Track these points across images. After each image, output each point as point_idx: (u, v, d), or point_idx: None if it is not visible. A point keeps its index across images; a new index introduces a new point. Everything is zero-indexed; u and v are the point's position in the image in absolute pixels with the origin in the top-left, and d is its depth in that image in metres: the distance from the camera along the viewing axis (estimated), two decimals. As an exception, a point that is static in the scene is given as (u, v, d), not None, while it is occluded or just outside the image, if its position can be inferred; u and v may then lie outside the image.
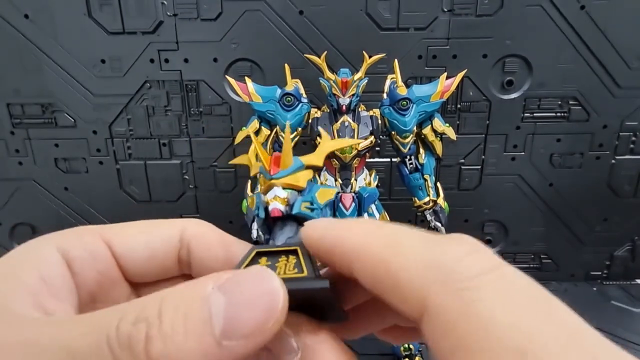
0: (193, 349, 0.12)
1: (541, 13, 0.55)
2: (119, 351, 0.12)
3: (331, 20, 0.55)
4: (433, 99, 0.45)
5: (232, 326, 0.12)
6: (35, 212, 0.65)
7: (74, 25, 0.55)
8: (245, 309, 0.12)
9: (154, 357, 0.12)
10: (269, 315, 0.12)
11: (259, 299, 0.13)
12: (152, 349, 0.12)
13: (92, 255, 0.17)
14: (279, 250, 0.16)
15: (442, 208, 0.48)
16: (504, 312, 0.11)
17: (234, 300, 0.12)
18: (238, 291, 0.13)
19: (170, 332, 0.12)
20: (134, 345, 0.12)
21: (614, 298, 0.62)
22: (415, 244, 0.13)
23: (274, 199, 0.18)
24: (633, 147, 0.60)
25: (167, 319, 0.12)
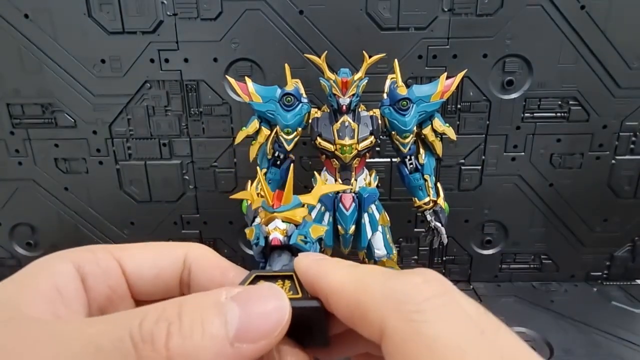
0: (208, 347, 0.13)
1: (541, 13, 0.55)
2: (141, 345, 0.13)
3: (331, 20, 0.55)
4: (433, 99, 0.45)
5: (244, 331, 0.14)
6: (35, 212, 0.65)
7: (74, 25, 0.55)
8: (257, 318, 0.14)
9: (173, 351, 0.13)
10: (277, 325, 0.14)
11: (271, 310, 0.15)
12: (172, 344, 0.13)
13: (104, 271, 0.18)
14: (276, 275, 0.18)
15: (442, 208, 0.48)
16: (445, 332, 0.13)
17: (248, 310, 0.14)
18: (252, 302, 0.14)
19: (189, 331, 0.13)
20: (155, 340, 0.13)
21: (614, 298, 0.62)
22: (378, 280, 0.15)
23: (275, 229, 0.21)
24: (633, 147, 0.60)
25: (187, 319, 0.14)
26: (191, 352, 0.13)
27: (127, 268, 0.19)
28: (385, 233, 0.47)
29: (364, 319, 0.15)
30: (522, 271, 0.67)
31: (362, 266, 0.17)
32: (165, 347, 0.13)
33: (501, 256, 0.67)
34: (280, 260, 0.21)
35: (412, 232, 0.66)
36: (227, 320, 0.14)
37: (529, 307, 0.61)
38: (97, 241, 0.66)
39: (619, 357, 0.51)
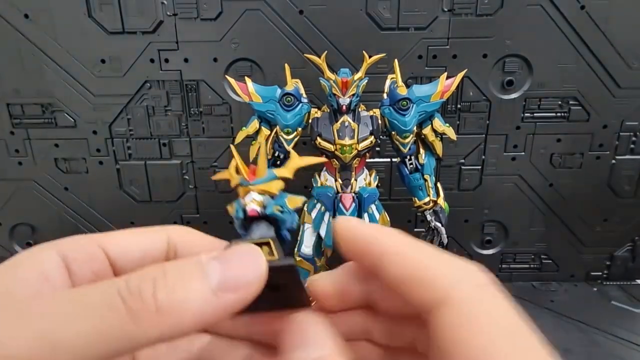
0: (194, 297, 0.14)
1: (541, 13, 0.55)
2: (130, 298, 0.14)
3: (331, 20, 0.55)
4: (433, 99, 0.45)
5: (225, 282, 0.15)
6: (35, 212, 0.65)
7: (74, 25, 0.55)
8: (236, 270, 0.15)
9: (161, 302, 0.14)
10: (255, 274, 0.16)
11: (248, 262, 0.16)
12: (159, 296, 0.14)
13: (88, 257, 0.19)
14: (254, 242, 0.19)
15: (442, 208, 0.48)
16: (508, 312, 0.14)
17: (227, 264, 0.15)
18: (230, 257, 0.16)
19: (174, 285, 0.14)
20: (143, 291, 0.14)
21: (614, 298, 0.62)
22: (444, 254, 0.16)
23: (252, 201, 0.22)
24: (633, 147, 0.60)
25: (171, 276, 0.15)
26: (178, 302, 0.14)
27: (111, 253, 0.19)
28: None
29: (423, 283, 0.15)
30: (522, 271, 0.67)
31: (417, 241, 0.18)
32: (153, 298, 0.14)
33: (501, 256, 0.67)
34: (258, 230, 0.22)
35: (412, 232, 0.66)
36: (208, 274, 0.15)
37: (529, 306, 0.61)
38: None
39: (618, 356, 0.51)
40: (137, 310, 0.14)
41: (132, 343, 0.14)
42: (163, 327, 0.14)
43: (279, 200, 0.23)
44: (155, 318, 0.14)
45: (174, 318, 0.14)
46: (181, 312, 0.14)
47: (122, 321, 0.14)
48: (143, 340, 0.14)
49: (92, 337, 0.13)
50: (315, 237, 0.47)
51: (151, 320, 0.14)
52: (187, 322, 0.14)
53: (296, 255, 0.48)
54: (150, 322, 0.14)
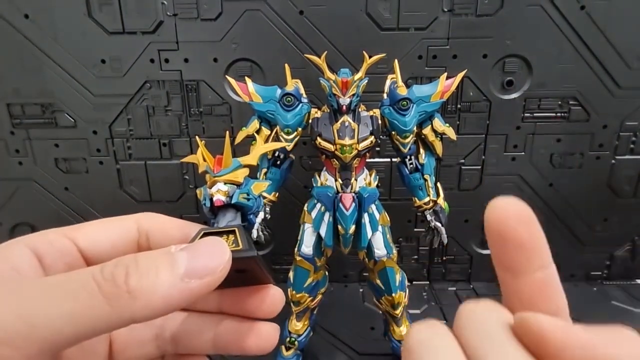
0: (162, 282, 0.16)
1: (541, 13, 0.55)
2: (104, 283, 0.15)
3: (331, 20, 0.55)
4: (433, 99, 0.45)
5: (191, 269, 0.16)
6: (35, 212, 0.65)
7: (74, 25, 0.56)
8: (202, 259, 0.17)
9: (133, 286, 0.15)
10: (219, 263, 0.17)
11: (213, 252, 0.18)
12: (131, 281, 0.15)
13: (59, 250, 0.20)
14: (221, 231, 0.21)
15: (442, 208, 0.48)
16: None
17: (194, 254, 0.17)
18: (197, 249, 0.17)
19: (145, 272, 0.16)
20: (116, 277, 0.15)
21: (614, 298, 0.62)
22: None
23: (217, 192, 0.23)
24: (633, 147, 0.60)
25: (142, 264, 0.16)
26: (148, 286, 0.16)
27: (81, 245, 0.21)
28: (385, 233, 0.47)
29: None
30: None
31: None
32: (125, 283, 0.15)
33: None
34: (224, 217, 0.24)
35: (412, 232, 0.66)
36: (177, 262, 0.16)
37: (528, 306, 0.61)
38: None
39: (618, 356, 0.51)
40: (111, 293, 0.15)
41: (107, 324, 0.15)
42: (135, 308, 0.15)
43: (244, 188, 0.24)
44: (127, 301, 0.15)
45: (145, 300, 0.15)
46: (151, 295, 0.15)
47: (98, 303, 0.15)
48: (117, 321, 0.15)
49: (68, 318, 0.15)
50: (315, 237, 0.47)
51: (124, 303, 0.15)
52: (156, 304, 0.16)
53: (296, 255, 0.48)
54: (123, 304, 0.15)
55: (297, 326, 0.51)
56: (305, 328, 0.51)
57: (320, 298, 0.51)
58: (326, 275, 0.52)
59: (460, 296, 0.64)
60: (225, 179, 0.24)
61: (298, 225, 0.48)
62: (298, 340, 0.51)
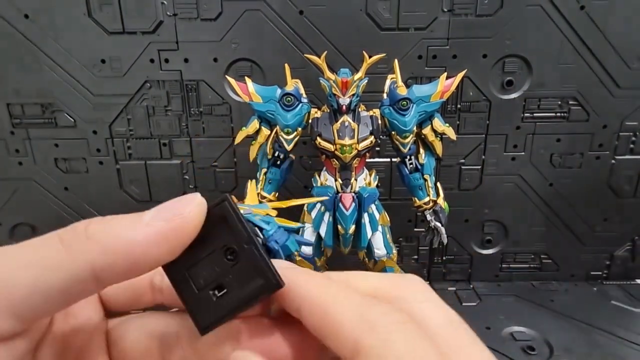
0: (125, 225, 0.15)
1: (541, 13, 0.55)
2: (63, 232, 0.15)
3: (331, 20, 0.55)
4: (433, 99, 0.45)
5: (158, 213, 0.15)
6: (35, 212, 0.65)
7: (74, 25, 0.55)
8: (170, 204, 0.16)
9: (91, 231, 0.15)
10: (188, 204, 0.16)
11: (182, 198, 0.16)
12: (91, 227, 0.15)
13: None
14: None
15: (442, 208, 0.48)
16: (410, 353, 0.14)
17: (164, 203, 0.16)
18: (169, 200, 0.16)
19: (110, 218, 0.15)
20: (77, 226, 0.15)
21: (614, 298, 0.62)
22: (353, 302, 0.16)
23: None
24: (633, 147, 0.60)
25: (109, 216, 0.15)
26: (108, 230, 0.15)
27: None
28: (385, 233, 0.47)
29: (337, 336, 0.15)
30: (522, 271, 0.67)
31: (334, 281, 0.17)
32: (85, 229, 0.15)
33: (501, 256, 0.67)
34: None
35: (412, 232, 0.66)
36: (145, 213, 0.15)
37: (529, 306, 0.61)
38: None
39: (618, 356, 0.51)
40: (68, 239, 0.14)
41: (62, 270, 0.14)
42: (93, 253, 0.14)
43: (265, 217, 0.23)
44: (85, 244, 0.14)
45: (103, 244, 0.14)
46: (110, 237, 0.14)
47: (55, 249, 0.14)
48: (73, 268, 0.14)
49: (25, 269, 0.14)
50: (315, 237, 0.47)
51: (82, 247, 0.14)
52: (117, 248, 0.14)
53: (296, 255, 0.48)
54: (81, 249, 0.14)
55: (297, 326, 0.51)
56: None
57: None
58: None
59: (461, 296, 0.64)
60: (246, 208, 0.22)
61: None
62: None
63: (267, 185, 0.48)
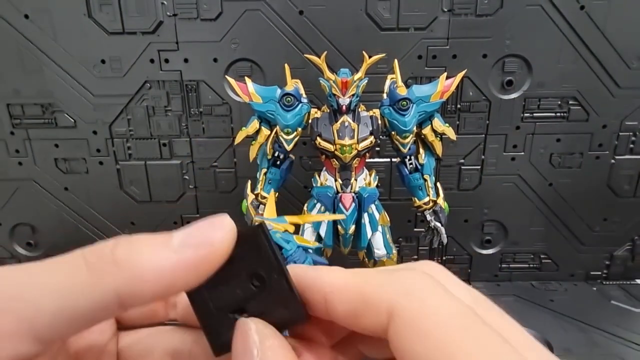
0: (152, 251, 0.14)
1: (541, 13, 0.55)
2: (89, 254, 0.14)
3: (331, 20, 0.55)
4: (433, 99, 0.45)
5: (187, 238, 0.15)
6: (35, 212, 0.65)
7: (74, 25, 0.56)
8: (200, 229, 0.15)
9: (118, 255, 0.14)
10: (218, 233, 0.15)
11: (213, 223, 0.15)
12: (118, 250, 0.14)
13: None
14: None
15: (442, 208, 0.48)
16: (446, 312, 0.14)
17: (194, 225, 0.15)
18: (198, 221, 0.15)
19: (137, 241, 0.14)
20: (104, 248, 0.14)
21: (614, 298, 0.63)
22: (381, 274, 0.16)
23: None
24: (632, 147, 0.60)
25: (137, 235, 0.15)
26: (135, 255, 0.14)
27: None
28: (385, 233, 0.48)
29: (369, 307, 0.15)
30: (522, 271, 0.68)
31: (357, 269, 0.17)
32: (111, 252, 0.14)
33: (501, 256, 0.67)
34: None
35: (412, 232, 0.66)
36: (172, 237, 0.15)
37: (528, 306, 0.61)
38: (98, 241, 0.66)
39: (618, 356, 0.51)
40: (94, 262, 0.14)
41: (88, 296, 0.14)
42: (118, 280, 0.14)
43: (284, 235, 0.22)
44: (111, 270, 0.14)
45: (130, 270, 0.14)
46: (138, 264, 0.14)
47: (79, 274, 0.14)
48: (100, 294, 0.14)
49: (47, 290, 0.13)
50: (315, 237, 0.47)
51: (107, 272, 0.14)
52: (144, 276, 0.14)
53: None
54: (107, 274, 0.14)
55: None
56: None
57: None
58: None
59: (460, 296, 0.64)
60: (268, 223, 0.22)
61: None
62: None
63: (266, 185, 0.48)
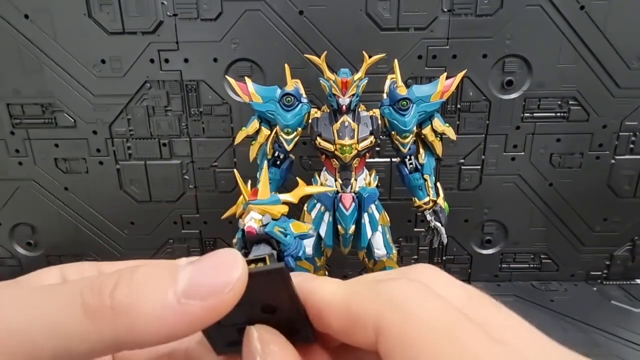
0: (153, 300, 0.13)
1: (541, 13, 0.55)
2: (88, 294, 0.13)
3: (331, 20, 0.55)
4: (433, 99, 0.45)
5: (192, 287, 0.13)
6: (35, 212, 0.65)
7: (74, 25, 0.56)
8: (206, 274, 0.14)
9: (117, 300, 0.13)
10: (227, 280, 0.13)
11: (220, 266, 0.14)
12: (117, 294, 0.13)
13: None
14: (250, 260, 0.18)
15: (442, 208, 0.48)
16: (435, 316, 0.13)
17: (199, 267, 0.14)
18: (204, 261, 0.14)
19: (138, 283, 0.13)
20: (102, 288, 0.13)
21: (614, 298, 0.62)
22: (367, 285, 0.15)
23: (250, 220, 0.21)
24: (633, 147, 0.60)
25: (139, 275, 0.13)
26: (135, 303, 0.13)
27: None
28: (385, 233, 0.48)
29: (358, 322, 0.14)
30: (522, 271, 0.67)
31: (352, 279, 0.17)
32: (110, 296, 0.13)
33: (501, 256, 0.67)
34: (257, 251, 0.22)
35: (412, 232, 0.66)
36: (177, 277, 0.13)
37: (528, 306, 0.61)
38: (98, 241, 0.66)
39: (618, 356, 0.51)
40: (91, 305, 0.13)
41: (87, 344, 0.13)
42: (117, 329, 0.13)
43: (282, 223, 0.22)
44: (109, 317, 0.13)
45: (129, 319, 0.13)
46: (137, 314, 0.13)
47: (76, 315, 0.13)
48: (98, 343, 0.13)
49: (48, 331, 0.13)
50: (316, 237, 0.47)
51: (106, 320, 0.13)
52: (144, 328, 0.13)
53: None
54: (104, 321, 0.13)
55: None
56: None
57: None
58: (326, 275, 0.52)
59: (460, 296, 0.64)
60: (260, 209, 0.22)
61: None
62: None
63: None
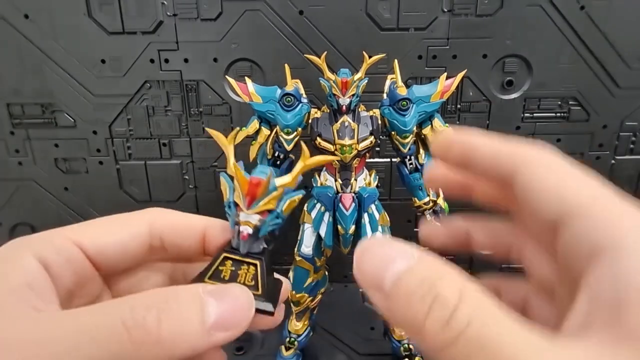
0: (191, 331, 0.16)
1: (541, 13, 0.55)
2: (134, 330, 0.15)
3: (331, 20, 0.55)
4: (433, 99, 0.45)
5: (219, 323, 0.17)
6: (35, 212, 0.65)
7: (74, 25, 0.56)
8: (230, 314, 0.18)
9: (163, 335, 0.16)
10: (245, 319, 0.18)
11: (239, 306, 0.18)
12: (163, 328, 0.16)
13: (66, 259, 0.19)
14: (242, 260, 0.21)
15: (442, 208, 0.48)
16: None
17: (224, 306, 0.18)
18: (225, 298, 0.18)
19: (177, 319, 0.16)
20: (148, 324, 0.16)
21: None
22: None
23: (245, 223, 0.21)
24: (633, 147, 0.60)
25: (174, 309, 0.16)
26: (177, 336, 0.16)
27: (89, 251, 0.20)
28: (385, 233, 0.48)
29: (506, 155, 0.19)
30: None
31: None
32: (157, 330, 0.16)
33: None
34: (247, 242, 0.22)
35: (412, 232, 0.66)
36: (206, 311, 0.17)
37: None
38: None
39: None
40: (139, 339, 0.15)
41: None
42: (159, 355, 0.16)
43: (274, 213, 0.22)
44: (154, 347, 0.16)
45: (171, 349, 0.16)
46: (178, 344, 0.16)
47: (125, 350, 0.15)
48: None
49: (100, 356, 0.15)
50: (315, 237, 0.47)
51: (151, 349, 0.16)
52: (181, 354, 0.16)
53: (296, 255, 0.48)
54: (149, 351, 0.16)
55: (297, 326, 0.51)
56: (305, 328, 0.51)
57: (320, 298, 0.51)
58: (326, 275, 0.52)
59: (460, 296, 0.64)
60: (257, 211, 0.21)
61: (298, 225, 0.48)
62: (298, 340, 0.51)
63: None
